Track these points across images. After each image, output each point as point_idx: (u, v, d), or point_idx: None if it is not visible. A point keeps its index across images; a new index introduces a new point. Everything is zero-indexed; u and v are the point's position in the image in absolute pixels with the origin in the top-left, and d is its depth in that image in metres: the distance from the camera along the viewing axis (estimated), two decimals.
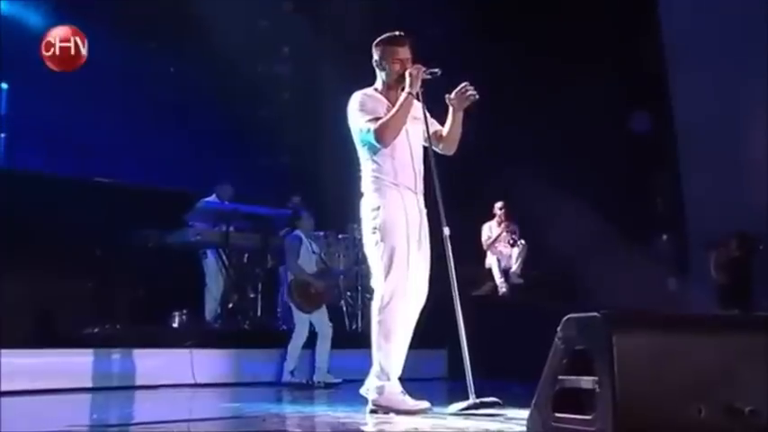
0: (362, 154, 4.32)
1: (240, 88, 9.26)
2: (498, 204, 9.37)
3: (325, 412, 4.82)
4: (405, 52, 4.32)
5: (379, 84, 4.39)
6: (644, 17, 9.27)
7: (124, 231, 7.77)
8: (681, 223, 9.12)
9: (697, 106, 8.76)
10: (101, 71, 8.39)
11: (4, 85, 9.04)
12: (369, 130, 4.18)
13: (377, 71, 4.39)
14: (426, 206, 4.34)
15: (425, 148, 4.38)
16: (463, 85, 4.32)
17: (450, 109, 4.38)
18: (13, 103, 9.03)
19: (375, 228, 4.17)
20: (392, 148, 4.22)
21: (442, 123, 4.44)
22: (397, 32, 4.37)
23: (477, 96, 4.30)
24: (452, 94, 4.34)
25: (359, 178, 4.35)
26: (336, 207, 8.44)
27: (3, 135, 9.08)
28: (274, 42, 10.13)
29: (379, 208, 4.18)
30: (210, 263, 8.25)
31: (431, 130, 4.37)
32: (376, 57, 4.36)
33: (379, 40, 4.36)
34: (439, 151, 4.40)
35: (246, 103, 9.29)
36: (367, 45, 4.41)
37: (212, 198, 8.46)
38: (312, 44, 9.91)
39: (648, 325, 2.75)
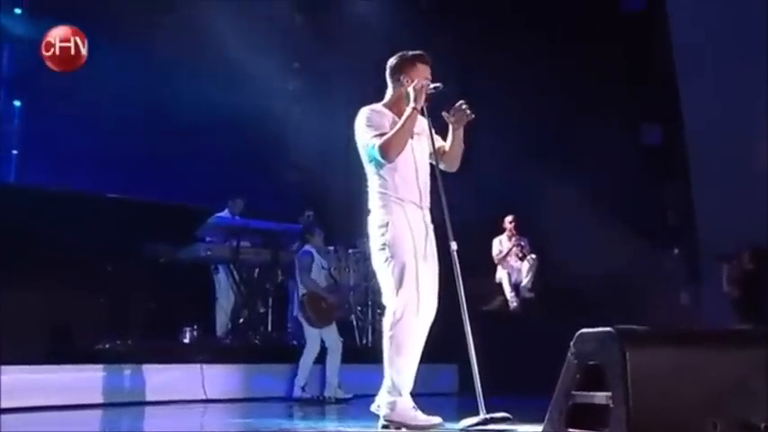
0: (369, 169, 4.32)
1: (251, 104, 9.30)
2: (508, 218, 9.36)
3: (336, 428, 4.82)
4: (427, 71, 4.32)
5: (388, 99, 4.39)
6: (654, 29, 9.27)
7: (135, 247, 7.80)
8: (692, 236, 9.09)
9: (707, 118, 8.75)
10: (113, 88, 8.49)
11: (17, 103, 9.12)
12: (374, 146, 4.18)
13: (390, 85, 4.38)
14: (432, 221, 4.34)
15: (432, 164, 4.39)
16: (460, 103, 4.32)
17: (450, 127, 4.39)
18: (25, 120, 9.10)
19: (384, 244, 4.17)
20: (397, 164, 4.22)
21: (445, 139, 4.45)
22: (418, 51, 4.36)
23: (473, 116, 4.31)
24: (450, 112, 4.34)
25: (367, 194, 4.35)
26: (346, 222, 8.44)
27: (15, 152, 9.15)
28: (285, 58, 10.17)
29: (387, 224, 4.18)
30: (221, 278, 8.26)
31: (435, 146, 4.38)
32: (396, 72, 4.34)
33: (402, 55, 4.35)
34: (442, 168, 4.39)
35: (257, 118, 9.32)
36: (377, 60, 4.42)
37: (225, 213, 8.50)
38: (323, 60, 9.95)
39: (662, 340, 2.74)
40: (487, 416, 3.98)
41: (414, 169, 4.28)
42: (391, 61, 4.37)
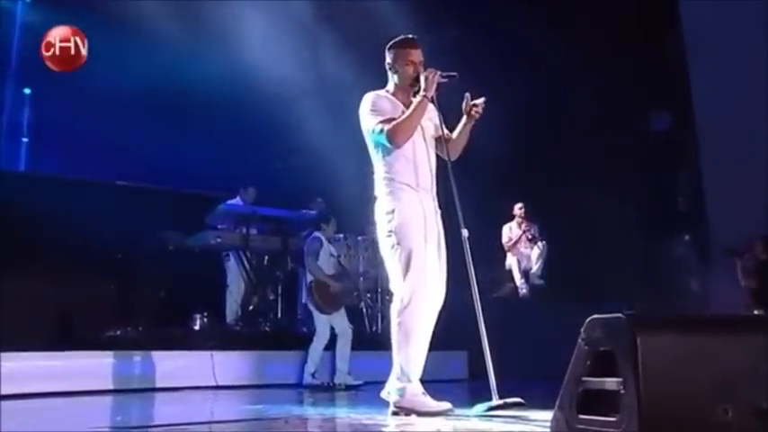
0: (374, 155, 4.32)
1: (261, 91, 9.29)
2: (518, 205, 9.34)
3: (346, 414, 4.82)
4: (417, 55, 4.34)
5: (391, 86, 4.41)
6: (666, 17, 9.21)
7: (145, 234, 7.82)
8: (703, 222, 9.05)
9: (718, 105, 8.70)
10: (123, 75, 8.48)
11: (27, 91, 9.13)
12: (381, 131, 4.19)
13: (389, 73, 4.41)
14: (441, 207, 4.35)
15: (440, 155, 4.39)
16: (483, 99, 4.33)
17: (464, 117, 4.38)
18: (35, 108, 9.12)
19: (390, 231, 4.17)
20: (406, 150, 4.23)
21: (450, 129, 4.45)
22: (410, 35, 4.39)
23: (479, 115, 4.32)
24: (471, 101, 4.32)
25: (374, 180, 4.35)
26: (355, 209, 8.43)
27: (26, 139, 9.17)
28: (294, 46, 10.15)
29: (393, 211, 4.18)
30: (231, 265, 8.28)
31: (440, 134, 4.38)
32: (389, 59, 4.38)
33: (392, 42, 4.39)
34: (442, 156, 4.39)
35: (267, 106, 9.31)
36: (385, 47, 4.42)
37: (236, 200, 8.51)
38: (331, 47, 9.93)
39: (673, 326, 2.72)
40: (501, 401, 3.99)
41: (423, 155, 4.29)
42: (386, 49, 4.38)
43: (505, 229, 9.44)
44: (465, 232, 4.24)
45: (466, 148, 4.47)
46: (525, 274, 9.27)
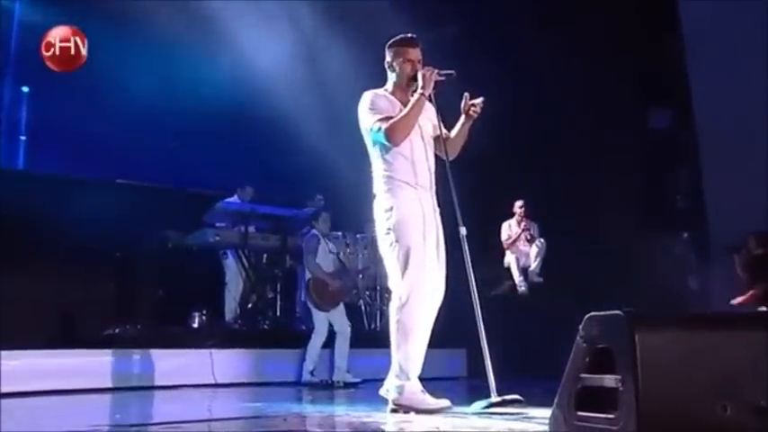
0: (373, 153, 4.34)
1: (259, 90, 9.28)
2: (518, 203, 9.33)
3: (345, 412, 4.82)
4: (416, 53, 4.36)
5: (389, 85, 4.43)
6: (665, 15, 9.20)
7: (144, 233, 7.81)
8: (702, 221, 9.05)
9: (718, 105, 8.69)
10: (122, 73, 8.48)
11: (25, 89, 9.11)
12: (379, 129, 4.21)
13: (388, 72, 4.44)
14: (440, 205, 4.35)
15: (439, 155, 4.40)
16: (481, 99, 4.33)
17: (463, 116, 4.39)
18: (34, 106, 9.10)
19: (389, 229, 4.18)
20: (404, 147, 4.25)
21: (449, 128, 4.46)
22: (409, 34, 4.40)
23: (476, 115, 4.34)
24: (469, 101, 4.33)
25: (372, 178, 4.36)
26: (354, 207, 8.42)
27: (24, 138, 9.16)
28: (293, 45, 10.15)
29: (391, 209, 4.19)
30: (230, 263, 8.28)
31: (438, 133, 4.39)
32: (388, 58, 4.41)
33: (391, 41, 4.41)
34: (440, 155, 4.40)
35: (265, 104, 9.30)
36: (383, 46, 4.43)
37: (233, 199, 8.50)
38: (330, 46, 9.92)
39: (672, 323, 2.73)
40: (499, 398, 4.00)
41: (421, 153, 4.31)
42: (385, 48, 4.39)
43: (505, 226, 9.43)
44: (463, 230, 4.25)
45: (464, 147, 4.48)
46: (524, 271, 9.26)
